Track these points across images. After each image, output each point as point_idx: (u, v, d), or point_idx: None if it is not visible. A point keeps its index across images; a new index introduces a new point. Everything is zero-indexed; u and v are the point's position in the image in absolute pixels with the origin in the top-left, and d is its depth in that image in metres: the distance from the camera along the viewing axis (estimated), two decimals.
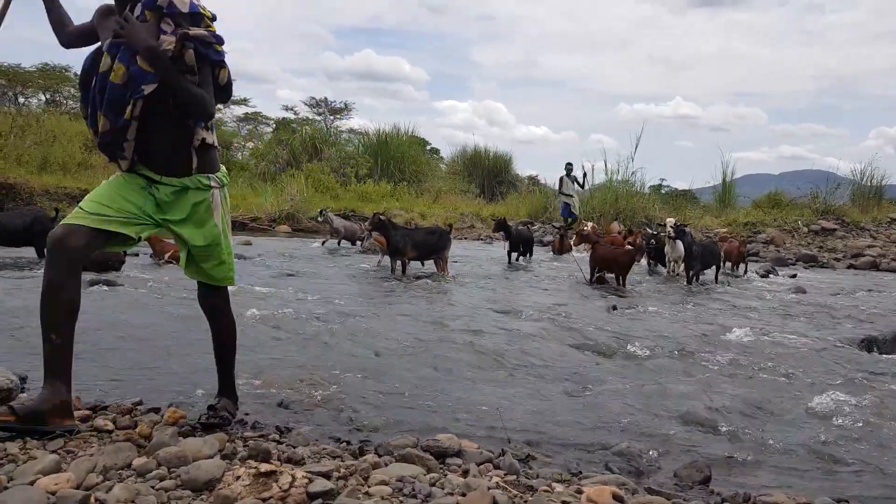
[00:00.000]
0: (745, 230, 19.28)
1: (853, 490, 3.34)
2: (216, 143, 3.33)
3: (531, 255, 13.45)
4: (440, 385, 4.73)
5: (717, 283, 11.21)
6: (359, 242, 14.30)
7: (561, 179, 17.72)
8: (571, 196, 17.25)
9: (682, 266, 11.30)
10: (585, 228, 14.57)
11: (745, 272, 12.78)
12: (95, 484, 2.47)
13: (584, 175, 17.50)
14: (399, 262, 10.09)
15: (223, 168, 3.42)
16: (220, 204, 3.32)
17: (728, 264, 12.79)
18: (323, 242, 14.83)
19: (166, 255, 9.90)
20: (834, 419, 4.33)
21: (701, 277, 11.27)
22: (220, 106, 27.93)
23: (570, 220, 16.98)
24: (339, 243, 14.68)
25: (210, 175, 3.26)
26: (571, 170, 17.74)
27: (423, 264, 10.74)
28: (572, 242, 14.50)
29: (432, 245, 10.21)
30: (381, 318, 6.78)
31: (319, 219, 15.29)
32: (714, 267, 11.47)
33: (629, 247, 10.20)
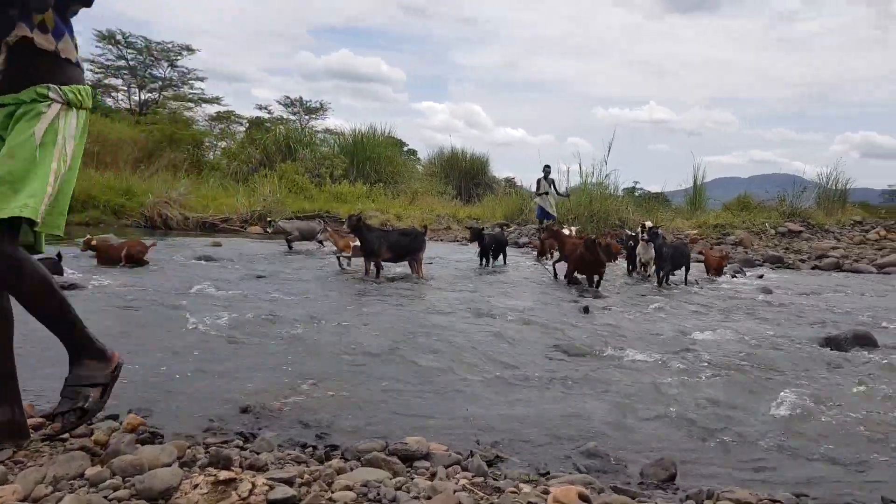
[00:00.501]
0: (714, 232, 19.53)
1: (813, 485, 3.37)
2: (73, 58, 2.70)
3: (505, 258, 13.29)
4: (410, 387, 4.70)
5: (686, 283, 11.32)
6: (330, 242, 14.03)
7: (538, 181, 17.68)
8: (547, 194, 17.20)
9: (654, 267, 11.43)
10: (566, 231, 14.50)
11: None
12: (44, 495, 2.37)
13: (553, 184, 17.39)
14: (373, 264, 10.03)
15: (86, 88, 2.75)
16: (56, 119, 2.58)
17: (706, 273, 12.77)
18: (289, 244, 14.37)
19: (121, 256, 9.60)
20: (797, 416, 4.39)
21: (671, 278, 11.40)
22: (190, 104, 27.14)
23: (546, 221, 16.97)
24: (290, 246, 14.12)
25: (51, 85, 2.58)
26: (549, 172, 17.70)
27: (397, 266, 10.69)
28: (540, 240, 14.53)
29: (406, 246, 10.18)
30: (351, 321, 6.72)
31: (269, 230, 14.89)
32: (684, 268, 11.57)
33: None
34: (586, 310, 8.09)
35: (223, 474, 2.44)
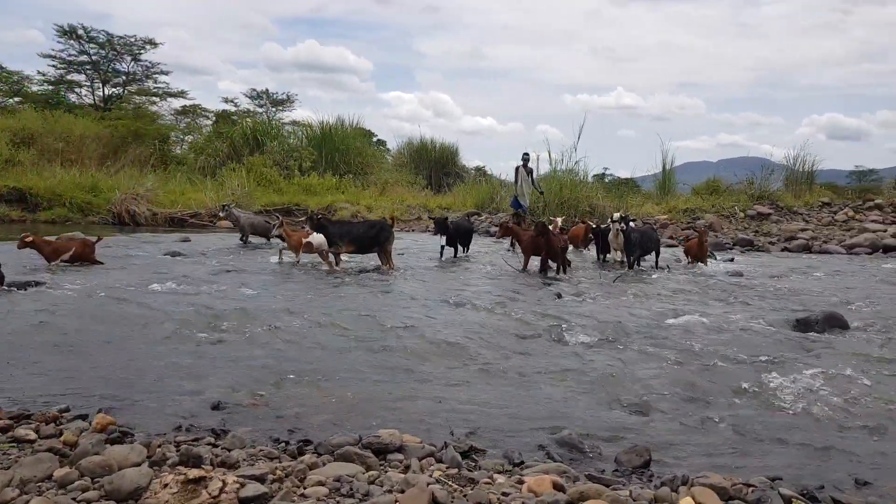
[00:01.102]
0: (684, 216, 19.71)
1: (786, 468, 3.42)
2: None
3: (467, 248, 13.02)
4: (383, 379, 4.68)
5: (657, 268, 11.42)
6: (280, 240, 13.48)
7: (517, 169, 17.28)
8: (522, 185, 16.85)
9: (623, 254, 11.55)
10: (556, 221, 14.19)
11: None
12: (12, 498, 2.33)
13: (531, 173, 16.88)
14: (333, 256, 10.00)
15: None
16: None
17: (687, 259, 12.31)
18: (242, 239, 13.77)
19: (65, 257, 9.27)
20: (769, 400, 4.45)
21: (643, 263, 11.50)
22: (155, 99, 26.75)
23: (519, 210, 16.61)
24: (245, 240, 13.64)
25: None
26: (528, 160, 17.27)
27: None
28: (497, 235, 13.87)
29: (373, 238, 10.11)
30: (322, 315, 6.67)
31: (222, 213, 14.32)
32: (654, 252, 11.70)
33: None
34: (559, 296, 8.12)
35: (193, 473, 2.40)
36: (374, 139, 35.87)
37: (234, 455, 2.90)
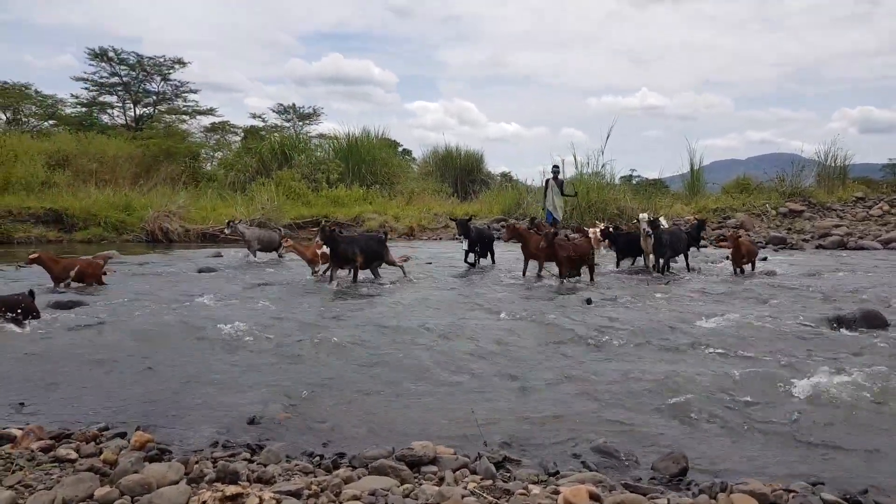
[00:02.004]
0: (714, 216, 19.46)
1: (828, 472, 3.35)
2: None
3: (493, 256, 12.50)
4: (414, 389, 4.68)
5: (688, 270, 11.26)
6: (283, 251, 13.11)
7: (546, 182, 16.46)
8: (553, 198, 16.06)
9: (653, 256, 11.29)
10: (599, 227, 13.70)
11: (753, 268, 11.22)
12: None
13: (562, 185, 16.26)
14: (350, 271, 9.84)
15: None
16: None
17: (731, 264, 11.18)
18: (252, 252, 13.36)
19: (71, 274, 9.13)
20: (808, 402, 4.35)
21: (673, 265, 11.31)
22: (185, 117, 27.29)
23: (554, 222, 15.98)
24: (254, 254, 13.23)
25: None
26: (558, 172, 16.59)
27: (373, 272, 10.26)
28: (504, 238, 12.94)
29: (376, 250, 10.11)
30: (350, 327, 6.70)
31: (227, 230, 13.83)
32: (683, 255, 11.49)
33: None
34: (589, 301, 8.06)
35: (230, 489, 2.43)
36: (400, 149, 36.09)
37: (270, 470, 2.93)
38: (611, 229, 12.80)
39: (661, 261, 11.00)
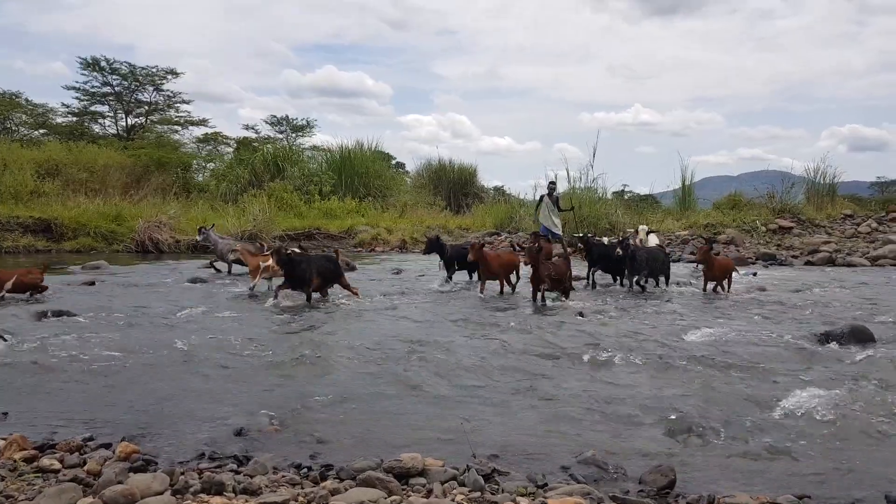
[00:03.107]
0: (705, 231, 19.56)
1: (814, 486, 3.35)
2: None
3: (473, 273, 11.45)
4: (404, 402, 4.67)
5: (667, 286, 10.88)
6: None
7: (541, 199, 15.84)
8: (549, 215, 15.59)
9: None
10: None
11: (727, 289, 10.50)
12: None
13: (558, 201, 15.88)
14: (306, 294, 9.05)
15: None
16: None
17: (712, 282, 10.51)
18: (211, 263, 12.83)
19: (8, 285, 8.69)
20: (795, 416, 4.37)
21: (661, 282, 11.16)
22: (177, 127, 27.21)
23: (552, 238, 15.49)
24: (223, 265, 12.57)
25: None
26: (554, 189, 16.00)
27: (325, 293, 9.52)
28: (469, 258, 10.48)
29: (332, 271, 9.50)
30: (341, 339, 6.68)
31: (199, 237, 13.17)
32: (664, 275, 10.92)
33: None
34: (580, 314, 8.08)
35: (215, 501, 2.41)
36: (394, 162, 36.17)
37: (257, 481, 2.91)
38: (590, 235, 12.15)
39: (634, 279, 10.50)
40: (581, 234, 12.37)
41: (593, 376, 5.40)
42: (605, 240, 10.85)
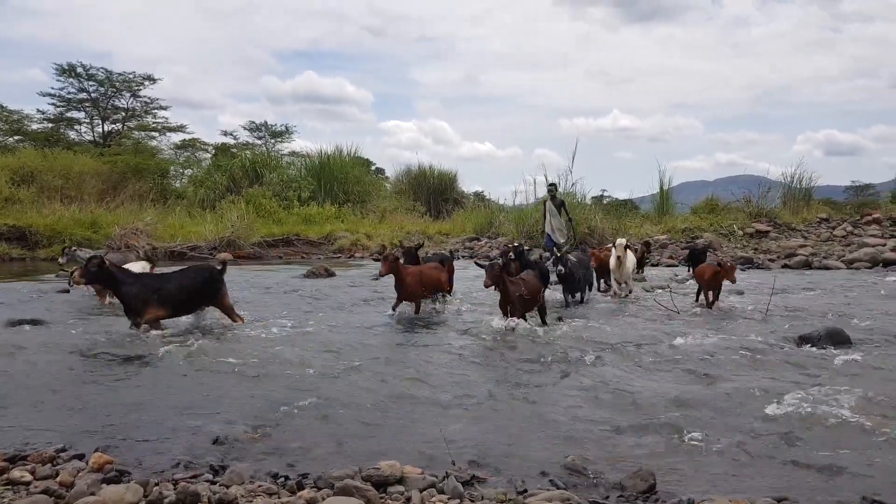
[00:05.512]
0: (683, 236, 19.72)
1: (793, 488, 3.37)
2: None
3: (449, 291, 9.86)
4: (383, 409, 4.63)
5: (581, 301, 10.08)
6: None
7: (544, 203, 14.77)
8: (551, 220, 14.59)
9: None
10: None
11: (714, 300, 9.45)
12: None
13: (564, 205, 14.75)
14: (142, 326, 6.88)
15: None
16: None
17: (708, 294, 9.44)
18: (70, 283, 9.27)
19: None
20: (773, 419, 4.40)
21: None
22: (154, 134, 26.97)
23: (553, 248, 14.03)
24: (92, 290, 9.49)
25: None
26: (555, 192, 15.06)
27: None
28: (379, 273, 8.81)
29: (200, 292, 7.40)
30: (320, 346, 6.62)
31: (62, 260, 11.00)
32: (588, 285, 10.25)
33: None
34: (559, 319, 8.09)
35: None
36: (373, 167, 36.07)
37: (233, 492, 2.87)
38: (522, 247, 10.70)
39: (574, 297, 9.83)
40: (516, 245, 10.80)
41: (573, 382, 5.41)
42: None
